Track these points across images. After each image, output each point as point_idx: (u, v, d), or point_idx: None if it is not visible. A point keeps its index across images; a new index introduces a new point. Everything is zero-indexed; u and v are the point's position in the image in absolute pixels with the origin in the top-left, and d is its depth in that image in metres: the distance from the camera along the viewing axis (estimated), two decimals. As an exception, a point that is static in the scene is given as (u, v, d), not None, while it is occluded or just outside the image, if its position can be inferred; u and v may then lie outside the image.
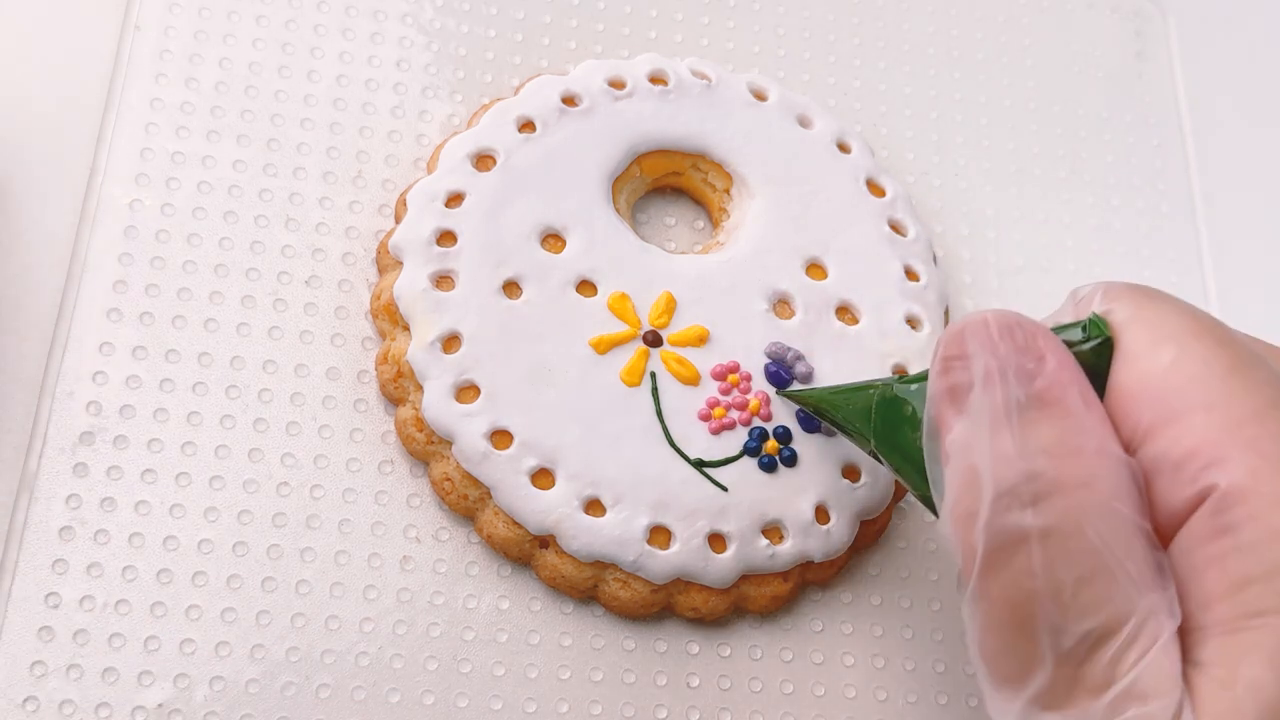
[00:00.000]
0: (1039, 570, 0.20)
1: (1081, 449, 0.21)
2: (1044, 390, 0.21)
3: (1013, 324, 0.22)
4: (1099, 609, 0.20)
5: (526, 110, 0.31)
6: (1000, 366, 0.21)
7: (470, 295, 0.29)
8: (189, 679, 0.26)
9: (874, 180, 0.33)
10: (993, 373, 0.21)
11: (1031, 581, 0.20)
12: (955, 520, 0.21)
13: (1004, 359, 0.22)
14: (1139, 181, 0.37)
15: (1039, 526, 0.20)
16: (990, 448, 0.21)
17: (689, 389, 0.29)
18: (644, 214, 0.33)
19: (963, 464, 0.21)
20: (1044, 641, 0.20)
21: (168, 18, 0.32)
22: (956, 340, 0.22)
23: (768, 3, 0.37)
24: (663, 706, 0.28)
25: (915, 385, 0.25)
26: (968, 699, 0.30)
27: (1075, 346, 0.22)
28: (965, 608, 0.21)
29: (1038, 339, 0.22)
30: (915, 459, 0.24)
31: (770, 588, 0.29)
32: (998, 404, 0.21)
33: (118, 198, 0.30)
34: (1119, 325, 0.22)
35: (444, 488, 0.28)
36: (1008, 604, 0.20)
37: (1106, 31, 0.39)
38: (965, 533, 0.21)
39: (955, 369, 0.22)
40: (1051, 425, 0.21)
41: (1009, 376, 0.21)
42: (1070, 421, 0.21)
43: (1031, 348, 0.22)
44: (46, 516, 0.27)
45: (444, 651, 0.28)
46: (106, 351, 0.29)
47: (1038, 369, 0.21)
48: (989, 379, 0.21)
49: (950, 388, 0.22)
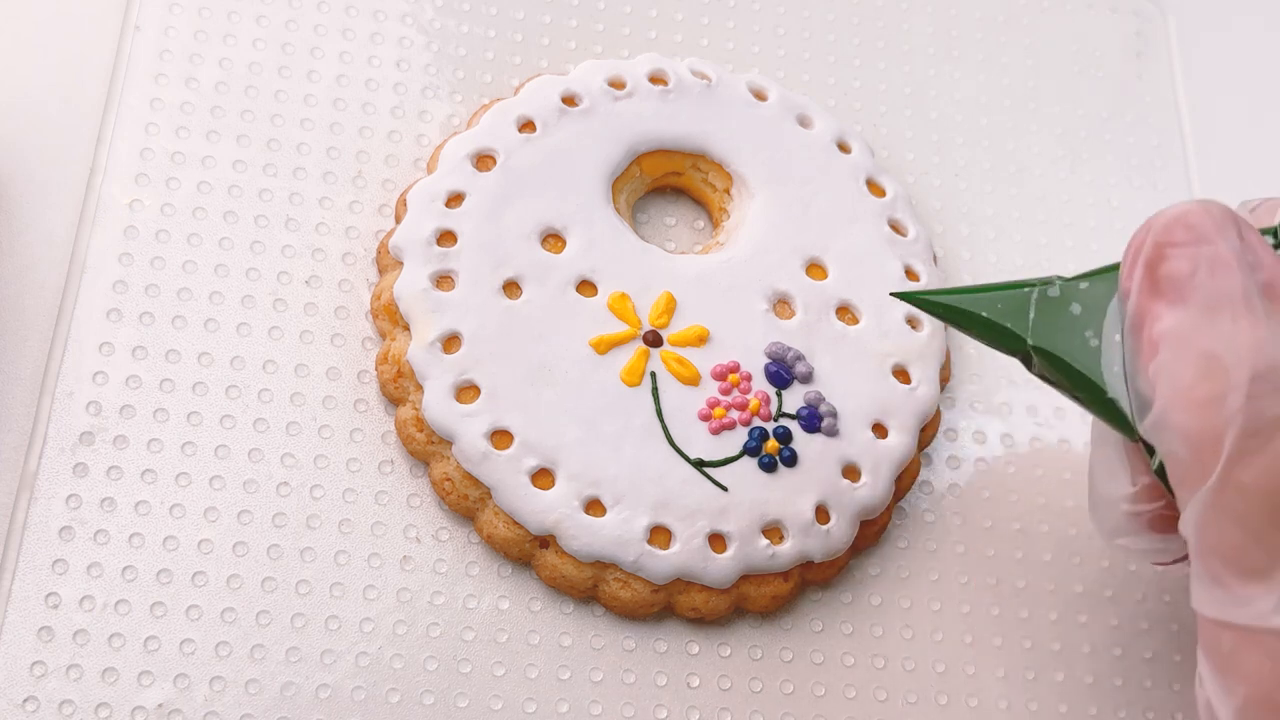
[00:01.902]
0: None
1: None
2: (1272, 282, 0.21)
3: (1233, 215, 0.22)
4: None
5: (526, 110, 0.31)
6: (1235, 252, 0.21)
7: (470, 295, 0.29)
8: (189, 679, 0.26)
9: (874, 180, 0.33)
10: (1227, 258, 0.21)
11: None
12: (1190, 408, 0.20)
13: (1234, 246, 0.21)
14: (1139, 181, 0.37)
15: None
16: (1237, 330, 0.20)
17: (689, 389, 0.29)
18: (644, 214, 0.33)
19: (1194, 350, 0.20)
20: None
21: (168, 18, 0.32)
22: (1174, 227, 0.21)
23: (768, 3, 0.37)
24: (663, 706, 0.28)
25: (1086, 283, 0.24)
26: (967, 699, 0.30)
27: None
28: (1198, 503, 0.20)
29: (1252, 234, 0.21)
30: (1084, 363, 0.23)
31: (770, 588, 0.29)
32: (1236, 289, 0.21)
33: (118, 198, 0.30)
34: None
35: (444, 488, 0.28)
36: (1261, 491, 0.20)
37: (1106, 31, 0.39)
38: (1205, 420, 0.20)
39: (1173, 256, 0.21)
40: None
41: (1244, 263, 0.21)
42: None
43: (1250, 240, 0.21)
44: (46, 516, 0.27)
45: (444, 651, 0.28)
46: (106, 351, 0.29)
47: (1259, 260, 0.21)
48: (1223, 265, 0.21)
49: (1165, 275, 0.21)
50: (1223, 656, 0.21)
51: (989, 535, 0.32)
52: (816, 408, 0.29)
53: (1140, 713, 0.31)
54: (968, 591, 0.31)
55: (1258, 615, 0.20)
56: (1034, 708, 0.30)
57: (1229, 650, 0.20)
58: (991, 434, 0.33)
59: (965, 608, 0.31)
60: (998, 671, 0.30)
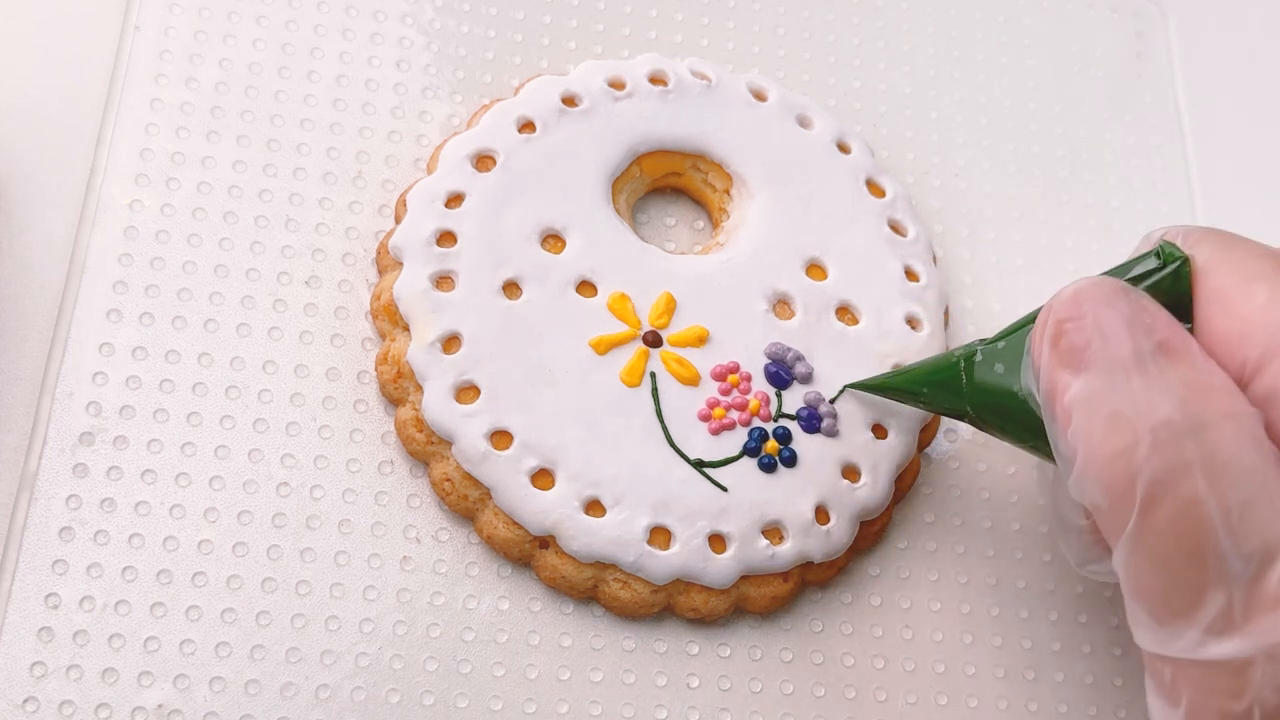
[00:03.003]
0: (1205, 496, 0.21)
1: (1217, 386, 0.22)
2: (1166, 340, 0.22)
3: (1122, 287, 0.23)
4: (1263, 530, 0.20)
5: (526, 111, 0.31)
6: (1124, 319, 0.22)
7: (470, 295, 0.29)
8: (189, 679, 0.26)
9: (874, 180, 0.33)
10: (1116, 325, 0.22)
11: (1199, 508, 0.21)
12: (1103, 463, 0.22)
13: (1124, 314, 0.23)
14: (1139, 181, 0.37)
15: (1200, 454, 0.21)
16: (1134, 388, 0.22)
17: (689, 389, 0.29)
18: (644, 214, 0.33)
19: (1101, 411, 0.22)
20: (1213, 567, 0.21)
21: (168, 18, 0.32)
22: (1070, 304, 0.23)
23: (768, 3, 0.37)
24: (662, 707, 0.28)
25: (1002, 343, 0.26)
26: (967, 699, 0.30)
27: (1153, 274, 0.24)
28: (1121, 550, 0.22)
29: (1144, 300, 0.23)
30: (1017, 415, 0.25)
31: (770, 588, 0.29)
32: (1128, 352, 0.22)
33: (118, 198, 0.30)
34: (1203, 268, 0.24)
35: (444, 488, 0.28)
36: (1175, 534, 0.21)
37: (1106, 31, 0.39)
38: (1118, 472, 0.22)
39: (1070, 330, 0.23)
40: (1184, 368, 0.22)
41: (1135, 328, 0.22)
42: (1199, 365, 0.22)
43: (1143, 307, 0.23)
44: (46, 517, 0.27)
45: (444, 652, 0.28)
46: (106, 352, 0.29)
47: (1153, 324, 0.23)
48: (1114, 332, 0.22)
49: (1067, 348, 0.23)
50: (1164, 685, 0.22)
51: (989, 535, 0.32)
52: (816, 408, 0.30)
53: (1140, 713, 0.31)
54: (968, 591, 0.31)
55: (1185, 649, 0.21)
56: (1034, 708, 0.30)
57: (1169, 680, 0.22)
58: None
59: (965, 608, 0.31)
60: (998, 671, 0.30)
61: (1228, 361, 0.22)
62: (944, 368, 0.27)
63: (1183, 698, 0.22)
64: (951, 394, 0.27)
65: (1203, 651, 0.21)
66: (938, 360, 0.28)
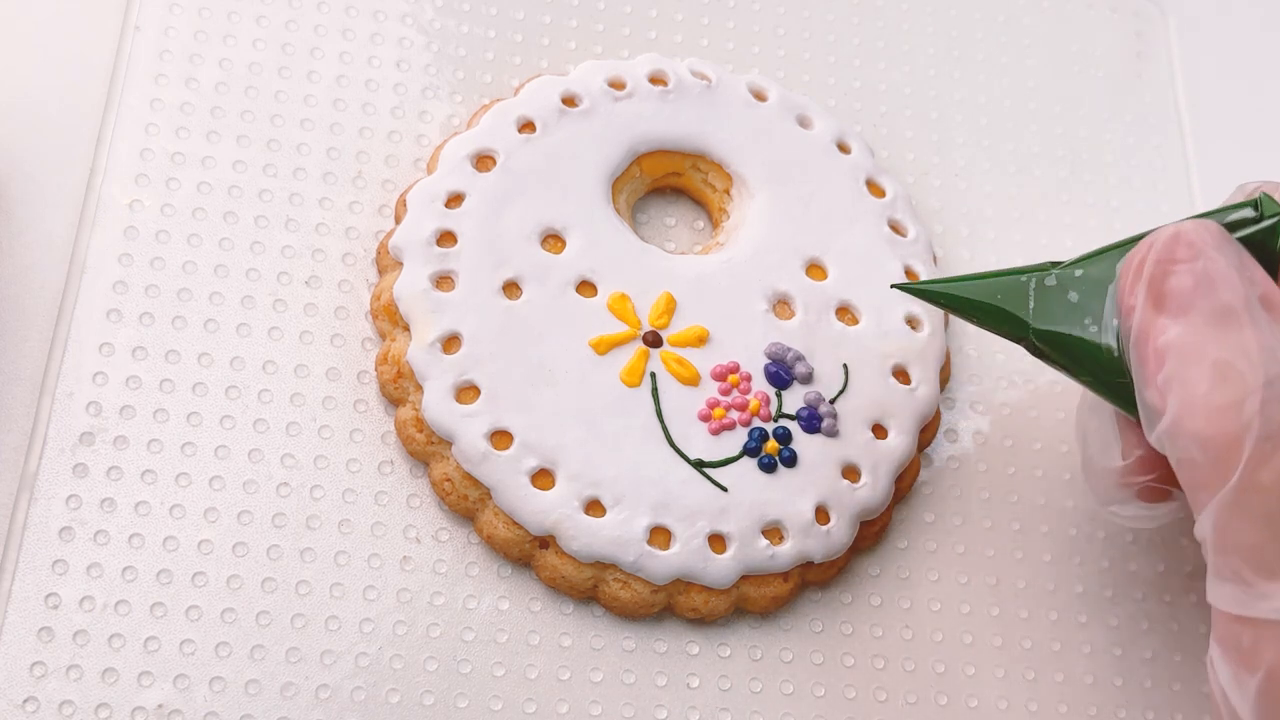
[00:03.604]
0: None
1: None
2: (1267, 295, 0.22)
3: (1226, 233, 0.23)
4: None
5: (526, 111, 0.31)
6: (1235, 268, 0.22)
7: (470, 295, 0.29)
8: (189, 679, 0.26)
9: (874, 180, 0.33)
10: (1227, 273, 0.22)
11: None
12: (1208, 413, 0.21)
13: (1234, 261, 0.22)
14: (1139, 182, 0.37)
15: None
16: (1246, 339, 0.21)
17: (689, 389, 0.29)
18: (644, 214, 0.33)
19: (1206, 359, 0.21)
20: None
21: (168, 18, 0.32)
22: (1173, 244, 0.22)
23: (768, 3, 0.37)
24: (662, 707, 0.28)
25: (1079, 270, 0.25)
26: (967, 699, 0.30)
27: (1249, 224, 0.23)
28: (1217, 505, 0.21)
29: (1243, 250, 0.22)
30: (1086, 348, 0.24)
31: (770, 588, 0.29)
32: (1239, 301, 0.21)
33: (117, 198, 0.30)
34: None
35: (444, 488, 0.28)
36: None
37: (1106, 31, 0.39)
38: (1223, 425, 0.21)
39: (1176, 271, 0.22)
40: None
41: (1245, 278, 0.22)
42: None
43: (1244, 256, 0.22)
44: (46, 517, 0.27)
45: (444, 652, 0.28)
46: (106, 352, 0.29)
47: (1254, 275, 0.22)
48: (1223, 279, 0.22)
49: (1167, 290, 0.22)
50: (1242, 651, 0.21)
51: (989, 535, 0.32)
52: (816, 408, 0.30)
53: (1140, 713, 0.31)
54: (968, 591, 0.31)
55: (1278, 609, 0.21)
56: (1034, 708, 0.30)
57: (1249, 644, 0.21)
58: (991, 435, 0.33)
59: (965, 608, 0.31)
60: (998, 671, 0.30)
61: None
62: (1010, 284, 0.26)
63: (1264, 662, 0.21)
64: (1014, 315, 0.26)
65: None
66: (1002, 275, 0.26)
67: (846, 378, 0.30)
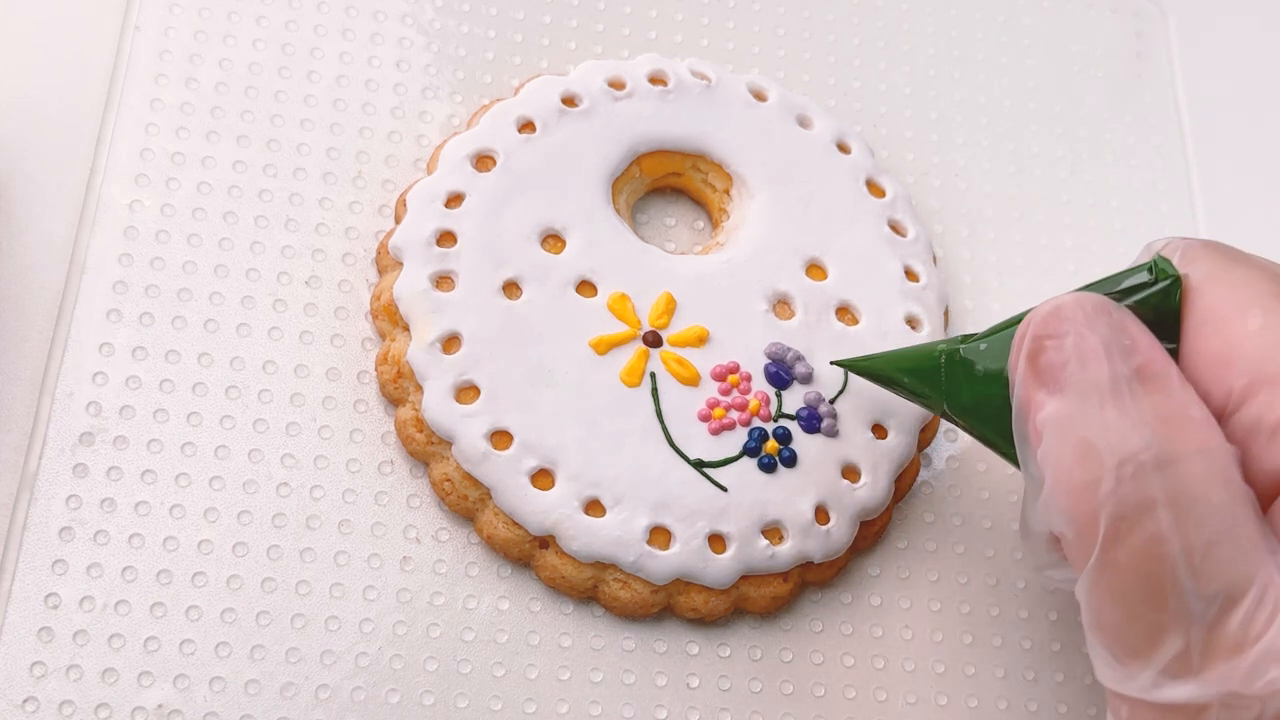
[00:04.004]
0: (1169, 534, 0.20)
1: (1192, 419, 0.21)
2: (1145, 366, 0.22)
3: (1105, 305, 0.23)
4: (1226, 572, 0.20)
5: (526, 111, 0.31)
6: (1103, 342, 0.22)
7: (470, 296, 0.29)
8: (189, 679, 0.26)
9: (874, 180, 0.33)
10: (1095, 348, 0.22)
11: (1161, 547, 0.20)
12: (1070, 493, 0.21)
13: (1104, 335, 0.22)
14: (1139, 182, 0.37)
15: (1167, 491, 0.20)
16: (1105, 418, 0.21)
17: (689, 389, 0.29)
18: (644, 214, 0.33)
19: (1071, 438, 0.21)
20: (1173, 608, 0.20)
21: (168, 18, 0.32)
22: (1050, 320, 0.23)
23: (768, 3, 0.37)
24: (662, 707, 0.28)
25: (984, 343, 0.25)
26: (967, 699, 0.30)
27: (1144, 289, 0.23)
28: (1084, 582, 0.21)
29: (1127, 320, 0.22)
30: (991, 417, 0.25)
31: (770, 588, 0.29)
32: (1104, 377, 0.21)
33: (117, 198, 0.30)
34: (1197, 286, 0.23)
35: (444, 488, 0.28)
36: (1136, 571, 0.20)
37: (1106, 31, 0.39)
38: (1083, 504, 0.21)
39: (1049, 348, 0.22)
40: (1160, 397, 0.21)
41: (1113, 352, 0.22)
42: (1176, 394, 0.21)
43: (1124, 327, 0.22)
44: (46, 517, 0.27)
45: (444, 652, 0.28)
46: (106, 352, 0.29)
47: (1134, 346, 0.22)
48: (1093, 355, 0.22)
49: (1044, 366, 0.22)
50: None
51: (989, 535, 0.32)
52: (816, 408, 0.30)
53: (1140, 713, 0.31)
54: (968, 591, 0.31)
55: (1140, 689, 0.21)
56: (1033, 708, 0.30)
57: (1125, 718, 0.21)
58: (991, 434, 0.33)
59: (965, 608, 0.31)
60: (998, 671, 0.30)
61: (1212, 388, 0.22)
62: (925, 359, 0.27)
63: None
64: (930, 387, 0.26)
65: (1158, 694, 0.20)
66: (920, 350, 0.27)
67: (846, 378, 0.30)
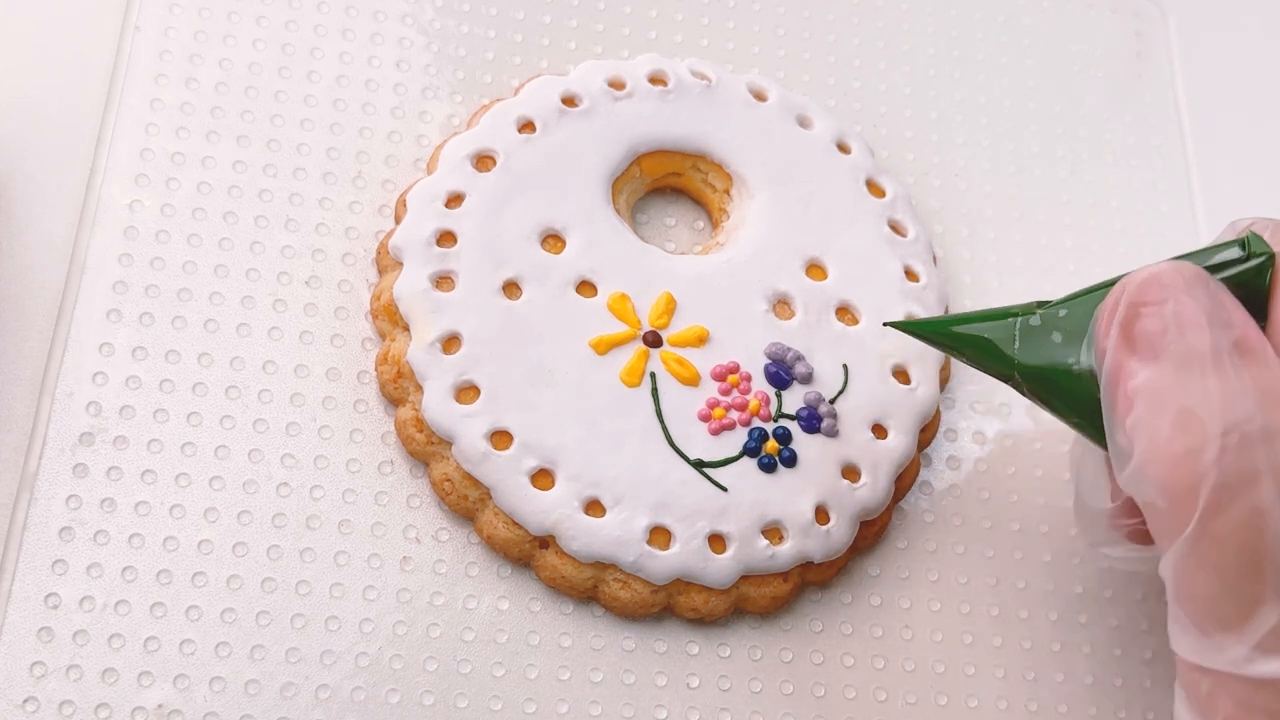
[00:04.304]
0: (1273, 506, 0.20)
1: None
2: (1243, 339, 0.22)
3: (1203, 275, 0.22)
4: None
5: (526, 111, 0.31)
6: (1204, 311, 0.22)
7: (470, 296, 0.29)
8: (189, 679, 0.26)
9: (874, 180, 0.33)
10: (1196, 317, 0.22)
11: (1263, 519, 0.20)
12: (1169, 461, 0.21)
13: (1204, 305, 0.22)
14: (1139, 182, 0.37)
15: (1272, 463, 0.20)
16: (1208, 386, 0.21)
17: (689, 389, 0.29)
18: (644, 214, 0.33)
19: (1170, 406, 0.21)
20: (1272, 582, 0.20)
21: (168, 18, 0.32)
22: (1148, 287, 0.22)
23: (768, 3, 0.37)
24: (662, 707, 0.28)
25: (1063, 309, 0.25)
26: (967, 699, 0.30)
27: (1234, 264, 0.23)
28: (1174, 553, 0.21)
29: (1222, 293, 0.22)
30: (1070, 390, 0.24)
31: (770, 588, 0.29)
32: (1205, 346, 0.21)
33: (117, 198, 0.30)
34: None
35: (444, 488, 0.28)
36: (1235, 542, 0.20)
37: (1106, 31, 0.39)
38: (1182, 473, 0.21)
39: (1146, 314, 0.22)
40: (1260, 370, 0.21)
41: (1214, 321, 0.22)
42: (1275, 369, 0.21)
43: (1221, 299, 0.22)
44: (46, 517, 0.27)
45: (444, 652, 0.28)
46: (106, 352, 0.29)
47: (1230, 319, 0.22)
48: (1193, 323, 0.22)
49: (1139, 334, 0.22)
50: (1200, 698, 0.21)
51: (989, 535, 0.32)
52: (816, 408, 0.30)
53: (1140, 713, 0.31)
54: (968, 591, 0.31)
55: (1231, 662, 0.21)
56: (1033, 708, 0.30)
57: (1206, 692, 0.21)
58: (991, 435, 0.33)
59: (965, 608, 0.31)
60: (998, 671, 0.30)
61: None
62: (997, 325, 0.26)
63: (1219, 713, 0.21)
64: (1000, 355, 0.26)
65: (1250, 668, 0.20)
66: (991, 314, 0.26)
67: (846, 378, 0.30)
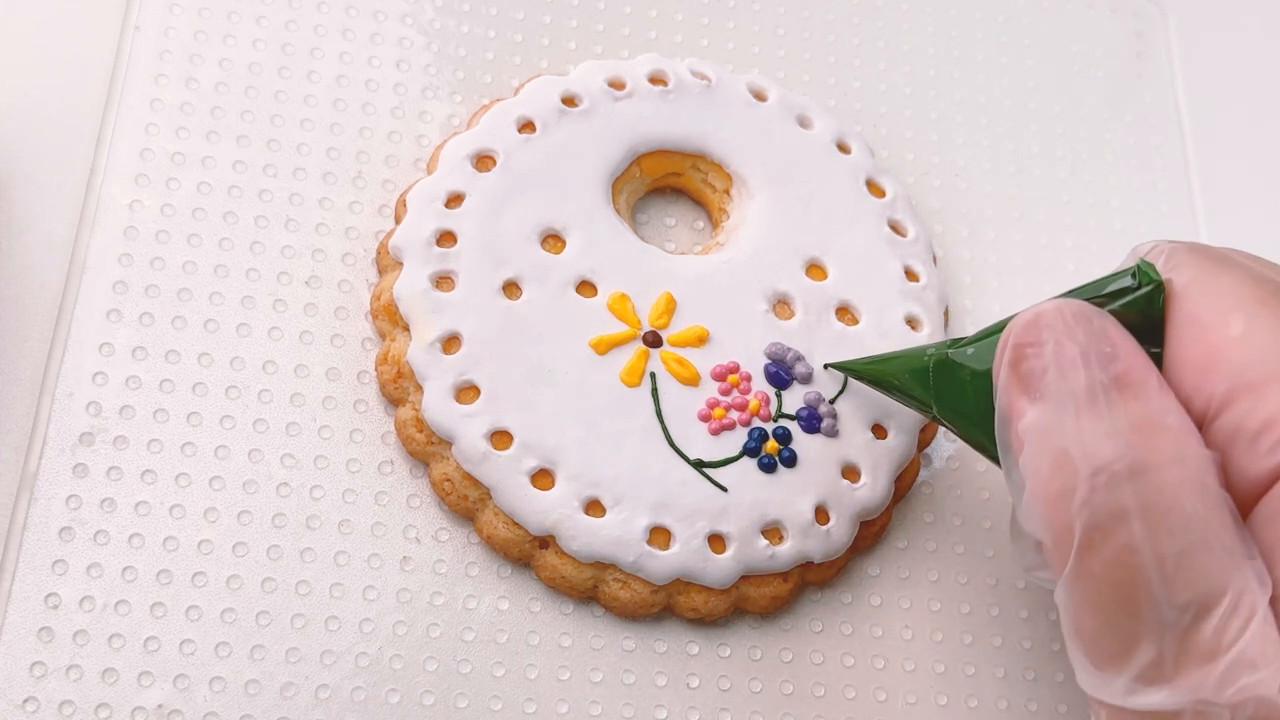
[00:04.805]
0: (1142, 544, 0.20)
1: (1169, 426, 0.21)
2: (1124, 373, 0.22)
3: (1086, 312, 0.23)
4: (1199, 580, 0.20)
5: (526, 111, 0.31)
6: (1081, 351, 0.22)
7: (470, 296, 0.29)
8: (189, 679, 0.26)
9: (874, 180, 0.33)
10: (1074, 357, 0.22)
11: (1134, 556, 0.20)
12: (1047, 502, 0.21)
13: (1083, 344, 0.22)
14: (1139, 182, 0.37)
15: (1139, 501, 0.20)
16: (1080, 428, 0.21)
17: (689, 389, 0.29)
18: (644, 214, 0.33)
19: (1049, 447, 0.22)
20: (1147, 616, 0.20)
21: (168, 18, 0.32)
22: (1030, 328, 0.23)
23: (768, 3, 0.37)
24: (662, 707, 0.28)
25: (971, 348, 0.25)
26: (967, 699, 0.30)
27: (1128, 294, 0.23)
28: (1061, 590, 0.22)
29: (1109, 326, 0.22)
30: (978, 421, 0.25)
31: (770, 588, 0.29)
32: (1081, 387, 0.22)
33: (117, 198, 0.30)
34: (1181, 291, 0.23)
35: (444, 488, 0.28)
36: (1109, 580, 0.21)
37: (1106, 31, 0.39)
38: (1059, 513, 0.21)
39: (1029, 356, 0.22)
40: (1137, 405, 0.21)
41: (1090, 360, 0.22)
42: (1154, 401, 0.21)
43: (1105, 334, 0.22)
44: (46, 517, 0.27)
45: (444, 652, 0.28)
46: (106, 352, 0.29)
47: (1114, 353, 0.22)
48: (1070, 363, 0.22)
49: (1024, 374, 0.22)
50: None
51: (989, 535, 0.32)
52: (816, 408, 0.30)
53: (1140, 713, 0.31)
54: (968, 591, 0.31)
55: (1115, 694, 0.21)
56: (1033, 708, 0.30)
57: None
58: (991, 434, 0.33)
59: (965, 608, 0.31)
60: (998, 671, 0.30)
61: (1194, 394, 0.22)
62: (914, 363, 0.27)
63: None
64: (920, 390, 0.27)
65: (1132, 700, 0.21)
66: (910, 353, 0.27)
67: (846, 378, 0.30)
